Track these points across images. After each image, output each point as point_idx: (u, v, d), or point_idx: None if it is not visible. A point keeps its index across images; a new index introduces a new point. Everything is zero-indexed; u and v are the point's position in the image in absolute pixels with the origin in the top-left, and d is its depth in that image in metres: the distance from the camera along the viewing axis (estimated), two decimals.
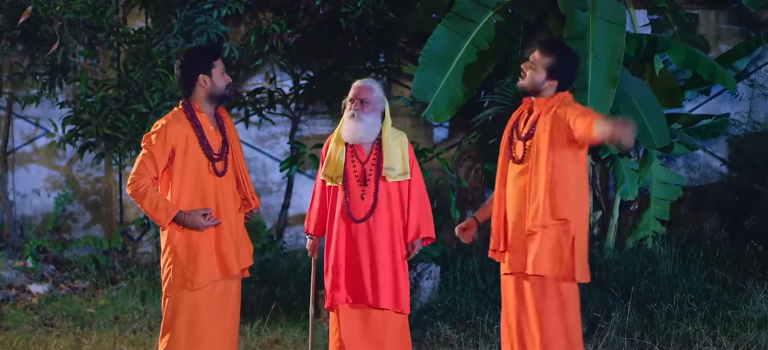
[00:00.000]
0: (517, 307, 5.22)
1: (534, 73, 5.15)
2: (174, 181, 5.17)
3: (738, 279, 7.74)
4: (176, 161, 5.15)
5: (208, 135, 5.22)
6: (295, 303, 7.86)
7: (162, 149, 5.13)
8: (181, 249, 5.17)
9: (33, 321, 7.77)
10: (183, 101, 5.27)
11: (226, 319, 5.30)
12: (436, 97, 7.90)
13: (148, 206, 5.13)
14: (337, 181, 5.57)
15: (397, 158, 5.57)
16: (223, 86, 5.23)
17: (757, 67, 9.15)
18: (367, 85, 5.58)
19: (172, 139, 5.13)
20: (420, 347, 7.02)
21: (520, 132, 5.24)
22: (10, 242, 9.48)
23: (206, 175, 5.19)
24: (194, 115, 5.21)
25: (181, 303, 5.18)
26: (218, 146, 5.25)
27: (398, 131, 5.68)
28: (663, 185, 8.57)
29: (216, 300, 5.23)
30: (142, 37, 8.85)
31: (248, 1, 8.99)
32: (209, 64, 5.19)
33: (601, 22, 7.35)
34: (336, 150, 5.60)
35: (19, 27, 8.61)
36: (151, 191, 5.12)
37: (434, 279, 7.91)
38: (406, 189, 5.63)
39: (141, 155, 5.17)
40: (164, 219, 5.12)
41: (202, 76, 5.19)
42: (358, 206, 5.53)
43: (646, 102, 7.75)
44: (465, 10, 7.94)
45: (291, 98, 9.41)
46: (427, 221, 5.68)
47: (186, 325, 5.18)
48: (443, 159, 8.80)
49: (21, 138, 9.87)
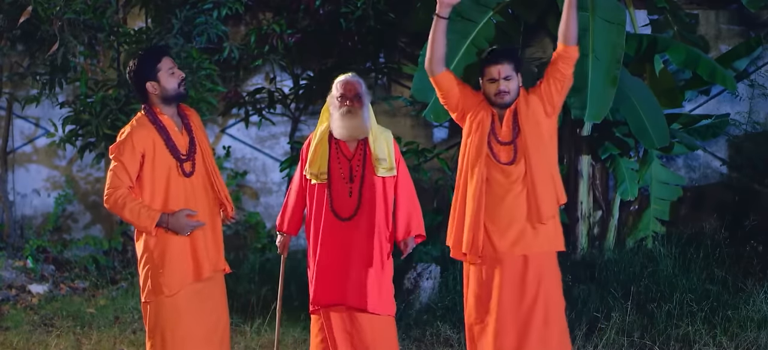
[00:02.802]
0: (515, 291, 5.35)
1: (512, 83, 5.37)
2: (145, 187, 5.12)
3: (738, 279, 7.74)
4: (146, 167, 5.11)
5: (174, 137, 5.17)
6: (296, 303, 7.86)
7: (131, 156, 5.08)
8: (157, 254, 5.14)
9: (33, 321, 7.77)
10: (144, 105, 5.23)
11: (211, 320, 5.26)
12: (435, 97, 7.87)
13: (130, 215, 5.07)
14: (322, 178, 5.50)
15: (384, 151, 5.53)
16: (175, 86, 5.16)
17: (757, 67, 9.15)
18: (356, 80, 5.53)
19: (140, 145, 5.09)
20: (420, 347, 7.02)
21: (501, 136, 5.38)
22: (10, 242, 9.49)
23: (176, 177, 5.16)
24: (157, 118, 5.17)
25: (160, 309, 5.16)
26: (185, 147, 5.20)
27: (383, 127, 5.64)
28: (663, 185, 8.57)
29: (195, 302, 5.19)
30: (142, 37, 8.84)
31: (248, 1, 8.99)
32: (153, 68, 5.14)
33: (601, 22, 7.35)
34: (319, 147, 5.53)
35: (19, 27, 8.61)
36: (129, 201, 5.07)
37: (434, 279, 7.91)
38: (392, 187, 5.57)
39: (112, 168, 5.12)
40: (149, 224, 5.07)
41: (150, 83, 5.16)
42: (345, 203, 5.47)
43: (646, 102, 7.75)
44: (465, 10, 7.93)
45: (291, 98, 9.41)
46: (417, 218, 5.63)
47: (168, 330, 5.16)
48: (443, 159, 8.80)
49: (21, 138, 9.87)
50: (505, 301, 5.36)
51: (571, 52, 5.30)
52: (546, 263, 5.41)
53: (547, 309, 5.37)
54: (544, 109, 5.36)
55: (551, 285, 5.42)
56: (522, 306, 5.35)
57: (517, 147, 5.33)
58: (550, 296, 5.39)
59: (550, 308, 5.39)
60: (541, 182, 5.31)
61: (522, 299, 5.35)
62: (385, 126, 5.78)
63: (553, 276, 5.45)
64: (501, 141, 5.38)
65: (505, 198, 5.36)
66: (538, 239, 5.36)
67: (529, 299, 5.35)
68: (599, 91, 7.18)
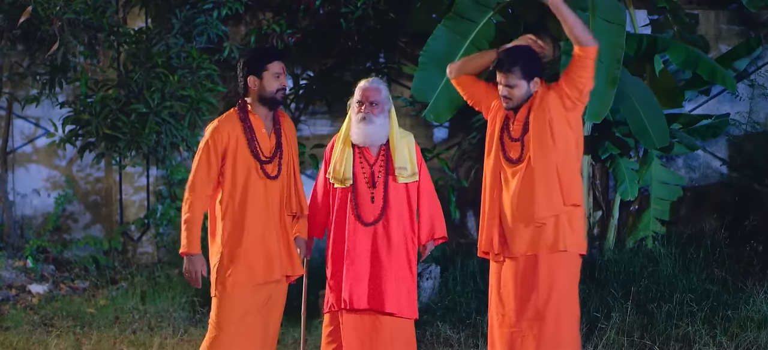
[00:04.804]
0: (526, 292, 5.27)
1: (516, 90, 5.28)
2: (225, 181, 5.19)
3: (738, 279, 7.74)
4: (227, 161, 5.18)
5: (260, 137, 5.22)
6: (296, 303, 7.85)
7: (215, 152, 5.17)
8: (228, 250, 5.18)
9: (33, 321, 7.77)
10: (239, 101, 5.30)
11: (271, 322, 5.31)
12: (436, 97, 7.90)
13: (183, 225, 5.14)
14: (346, 183, 5.50)
15: (405, 158, 5.54)
16: (274, 90, 5.22)
17: (757, 67, 9.15)
18: (375, 86, 5.52)
19: (222, 141, 5.17)
20: (420, 347, 7.01)
21: (512, 133, 5.33)
22: (10, 242, 9.48)
23: (256, 178, 5.20)
24: (247, 116, 5.23)
25: (227, 303, 5.19)
26: (270, 149, 5.24)
27: (405, 131, 5.65)
28: (663, 185, 8.57)
29: (260, 301, 5.23)
30: (142, 37, 8.84)
31: (248, 1, 8.99)
32: (261, 66, 5.20)
33: (601, 22, 7.35)
34: (343, 152, 5.53)
35: (19, 27, 8.61)
36: (194, 215, 5.14)
37: (434, 279, 7.91)
38: (415, 190, 5.58)
39: (196, 161, 5.19)
40: (182, 246, 5.15)
41: (252, 78, 5.21)
42: (368, 208, 5.48)
43: (646, 102, 7.75)
44: (465, 10, 7.94)
45: (291, 98, 9.41)
46: (440, 220, 5.66)
47: (232, 324, 5.18)
48: (443, 159, 8.80)
49: (21, 138, 9.86)
50: (516, 301, 5.29)
51: (583, 53, 5.20)
52: (558, 263, 5.26)
53: (558, 313, 5.22)
54: (563, 103, 5.25)
55: (563, 290, 5.25)
56: (532, 308, 5.24)
57: (524, 144, 5.29)
58: (561, 300, 5.23)
59: (561, 313, 5.24)
60: (541, 180, 5.23)
61: (532, 300, 5.24)
62: None
63: (565, 278, 5.28)
64: (512, 137, 5.34)
65: (514, 195, 5.30)
66: (547, 238, 5.25)
67: (539, 301, 5.22)
68: (599, 91, 7.17)
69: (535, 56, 5.35)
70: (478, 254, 5.56)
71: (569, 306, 5.30)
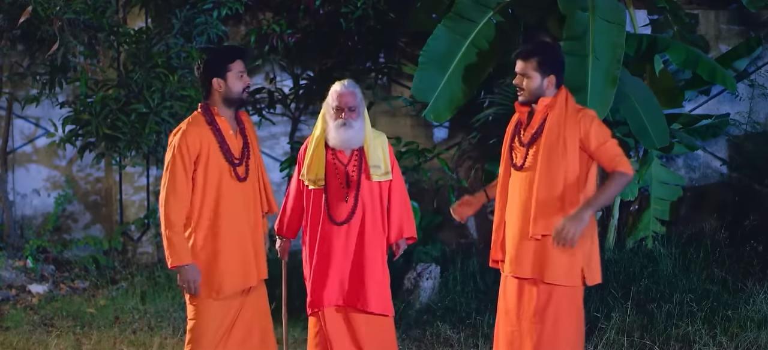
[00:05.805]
0: (522, 311, 5.18)
1: (530, 81, 5.12)
2: (197, 188, 5.07)
3: (738, 279, 7.75)
4: (199, 167, 5.06)
5: (229, 140, 5.12)
6: (296, 303, 7.85)
7: (189, 158, 5.03)
8: (205, 257, 5.10)
9: (33, 321, 7.76)
10: (202, 104, 5.17)
11: (255, 326, 5.26)
12: (436, 97, 7.90)
13: (169, 234, 4.99)
14: (319, 184, 5.53)
15: (379, 157, 5.55)
16: (240, 90, 5.10)
17: (757, 67, 9.16)
18: (351, 90, 5.46)
19: (195, 147, 5.03)
20: (420, 347, 7.02)
21: (523, 138, 5.20)
22: (10, 242, 9.48)
23: (229, 181, 5.12)
24: (213, 119, 5.11)
25: (205, 311, 5.12)
26: (239, 151, 5.17)
27: (377, 131, 5.64)
28: (663, 185, 8.57)
29: (235, 310, 5.18)
30: (142, 37, 8.85)
31: (248, 1, 8.99)
32: (223, 67, 5.07)
33: (601, 22, 7.35)
34: (316, 153, 5.54)
35: (19, 27, 8.61)
36: (180, 224, 5.01)
37: (434, 279, 7.91)
38: (387, 190, 5.60)
39: (171, 168, 5.02)
40: (171, 260, 5.02)
41: (216, 80, 5.08)
42: (341, 208, 5.49)
43: (646, 102, 7.75)
44: (465, 10, 7.94)
45: (291, 98, 9.41)
46: (409, 220, 5.66)
47: (211, 333, 5.13)
48: (443, 159, 8.80)
49: (21, 138, 9.86)
50: (516, 312, 5.20)
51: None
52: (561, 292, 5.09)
53: (556, 330, 5.09)
54: (581, 142, 5.07)
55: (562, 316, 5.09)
56: (529, 320, 5.14)
57: (528, 152, 5.14)
58: (560, 318, 5.09)
59: (560, 332, 5.10)
60: (542, 192, 5.06)
61: (531, 312, 5.13)
62: (385, 126, 5.80)
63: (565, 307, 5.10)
64: (521, 143, 5.21)
65: (516, 205, 5.19)
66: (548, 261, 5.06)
67: (539, 302, 5.11)
68: (599, 91, 7.18)
69: (556, 55, 5.24)
70: (489, 263, 5.44)
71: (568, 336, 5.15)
